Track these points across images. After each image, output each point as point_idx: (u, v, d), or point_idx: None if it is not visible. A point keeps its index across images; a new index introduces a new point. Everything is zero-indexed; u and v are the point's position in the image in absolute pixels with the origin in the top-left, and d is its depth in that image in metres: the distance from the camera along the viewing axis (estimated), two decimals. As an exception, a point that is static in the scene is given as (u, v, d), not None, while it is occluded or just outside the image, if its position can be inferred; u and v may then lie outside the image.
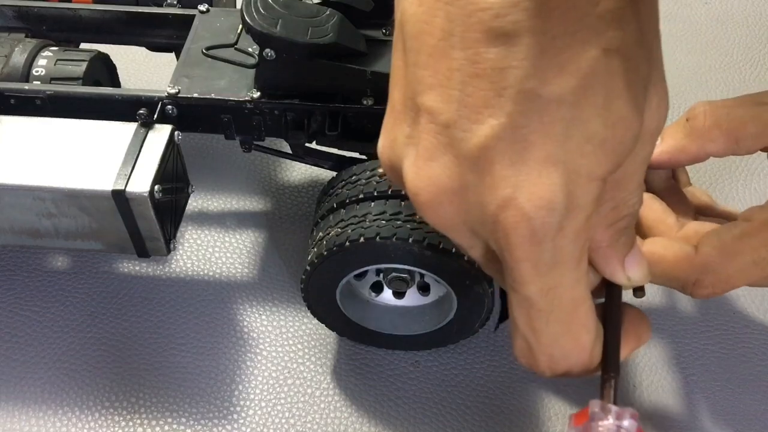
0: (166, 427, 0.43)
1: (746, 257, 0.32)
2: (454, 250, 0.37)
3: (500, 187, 0.24)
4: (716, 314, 0.48)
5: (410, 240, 0.37)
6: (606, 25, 0.22)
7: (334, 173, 0.44)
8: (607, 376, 0.29)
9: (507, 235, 0.24)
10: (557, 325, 0.27)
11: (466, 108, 0.23)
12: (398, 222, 0.38)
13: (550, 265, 0.25)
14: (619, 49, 0.23)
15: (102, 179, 0.38)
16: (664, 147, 0.36)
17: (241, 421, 0.43)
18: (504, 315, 0.42)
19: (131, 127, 0.41)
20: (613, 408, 0.28)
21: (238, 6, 0.51)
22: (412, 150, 0.25)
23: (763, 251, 0.32)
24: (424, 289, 0.44)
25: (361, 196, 0.39)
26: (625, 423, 0.27)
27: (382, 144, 0.28)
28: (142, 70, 0.62)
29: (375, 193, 0.39)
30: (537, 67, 0.22)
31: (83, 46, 0.52)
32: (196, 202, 0.54)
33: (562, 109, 0.23)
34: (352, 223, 0.38)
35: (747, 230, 0.32)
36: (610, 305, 0.31)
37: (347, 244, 0.38)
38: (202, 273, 0.50)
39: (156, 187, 0.39)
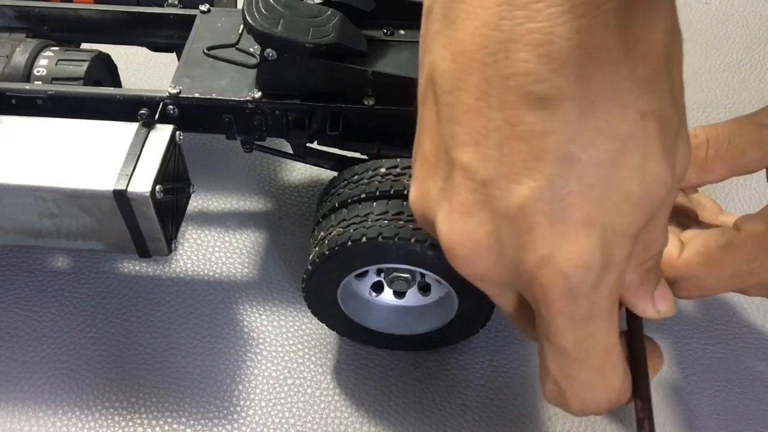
0: (166, 427, 0.43)
1: (726, 269, 0.33)
2: None
3: (538, 246, 0.24)
4: (716, 314, 0.48)
5: (412, 240, 0.37)
6: (642, 90, 0.23)
7: (335, 173, 0.44)
8: (642, 415, 0.30)
9: (544, 292, 0.25)
10: (590, 373, 0.28)
11: (504, 168, 0.24)
12: (400, 222, 0.38)
13: (585, 318, 0.26)
14: (655, 111, 0.23)
15: (103, 179, 0.38)
16: None
17: (241, 421, 0.43)
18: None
19: (132, 127, 0.41)
20: None
21: (239, 6, 0.52)
22: (445, 204, 0.26)
23: (744, 265, 0.32)
24: (424, 289, 0.44)
25: (363, 195, 0.39)
26: None
27: (415, 194, 0.29)
28: (143, 70, 0.62)
29: (377, 193, 0.39)
30: (577, 131, 0.23)
31: (84, 46, 0.52)
32: (197, 202, 0.54)
33: (600, 171, 0.23)
34: (354, 223, 0.38)
35: (732, 241, 0.33)
36: (634, 341, 0.31)
37: (349, 243, 0.38)
38: (202, 273, 0.50)
39: (157, 187, 0.39)
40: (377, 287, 0.45)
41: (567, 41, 0.22)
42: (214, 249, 0.52)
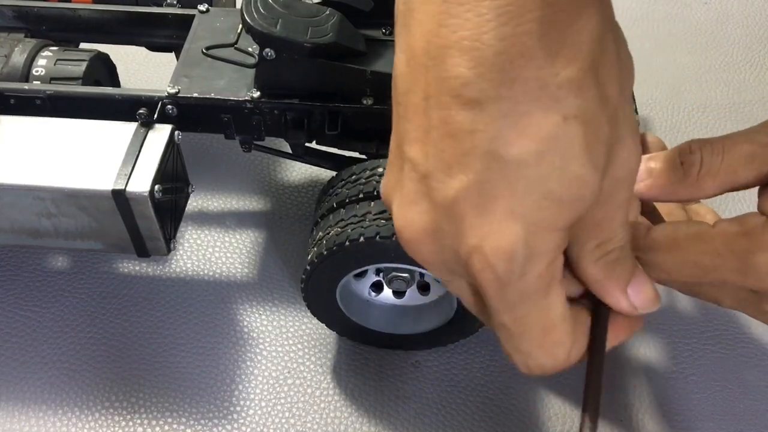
0: (166, 427, 0.43)
1: (689, 257, 0.34)
2: None
3: (468, 236, 0.26)
4: (716, 314, 0.48)
5: None
6: (566, 94, 0.25)
7: (334, 172, 0.44)
8: (585, 423, 0.30)
9: (477, 278, 0.27)
10: (530, 345, 0.30)
11: (441, 162, 0.26)
12: None
13: (516, 301, 0.28)
14: (578, 115, 0.25)
15: (102, 179, 0.38)
16: (656, 184, 0.37)
17: (241, 420, 0.43)
18: None
19: (131, 126, 0.41)
20: None
21: (238, 6, 0.52)
22: (398, 193, 0.28)
23: (707, 259, 0.34)
24: (424, 288, 0.44)
25: (360, 195, 0.39)
26: None
27: (382, 184, 0.31)
28: (142, 69, 0.62)
29: (375, 193, 0.39)
30: (500, 130, 0.25)
31: (83, 46, 0.52)
32: (196, 202, 0.54)
33: (522, 169, 0.25)
34: (352, 223, 0.38)
35: (702, 233, 0.34)
36: (594, 342, 0.32)
37: (347, 243, 0.38)
38: (202, 273, 0.50)
39: (156, 186, 0.39)
40: (377, 287, 0.45)
41: (491, 48, 0.24)
42: (213, 249, 0.52)
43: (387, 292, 0.45)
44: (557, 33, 0.25)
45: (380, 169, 0.40)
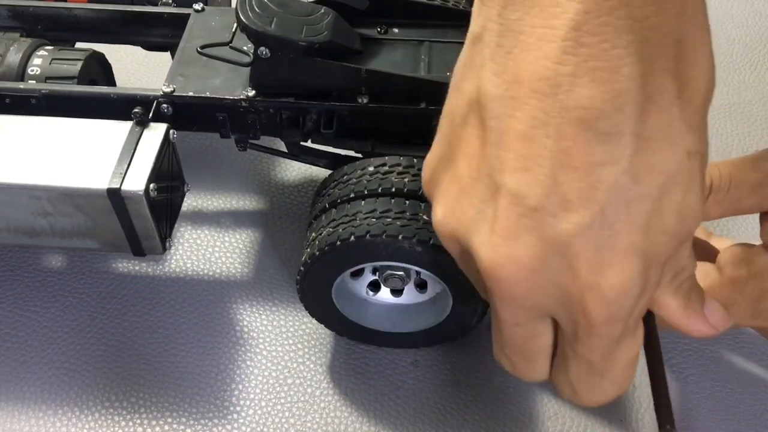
0: (166, 427, 0.43)
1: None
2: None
3: (584, 272, 0.25)
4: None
5: (400, 237, 0.37)
6: (689, 130, 0.25)
7: (330, 171, 0.44)
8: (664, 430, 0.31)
9: (586, 315, 0.26)
10: (609, 381, 0.30)
11: (557, 196, 0.25)
12: (388, 219, 0.38)
13: (617, 338, 0.28)
14: (698, 150, 0.25)
15: (97, 178, 0.38)
16: None
17: (241, 420, 0.43)
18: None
19: (126, 125, 0.41)
20: None
21: (233, 5, 0.52)
22: (486, 226, 0.27)
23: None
24: (421, 286, 0.44)
25: (351, 195, 0.39)
26: None
27: (444, 213, 0.29)
28: (138, 69, 0.62)
29: (365, 192, 0.39)
30: (631, 165, 0.24)
31: (78, 45, 0.52)
32: (192, 202, 0.54)
33: (647, 203, 0.25)
34: (343, 222, 0.38)
35: (714, 285, 0.36)
36: (650, 353, 0.32)
37: (338, 243, 0.38)
38: (200, 273, 0.50)
39: (151, 185, 0.39)
40: (374, 286, 0.45)
41: (631, 81, 0.24)
42: (212, 249, 0.52)
43: (385, 291, 0.45)
44: (685, 70, 0.25)
45: (370, 168, 0.40)
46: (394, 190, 0.39)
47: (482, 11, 0.27)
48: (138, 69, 0.62)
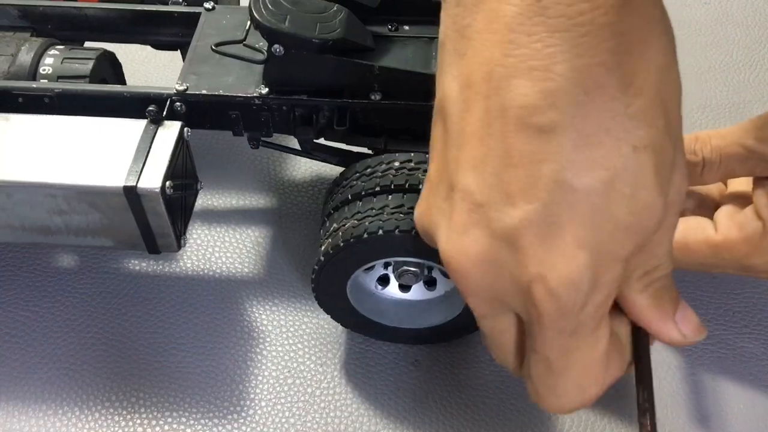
0: (166, 427, 0.43)
1: (698, 259, 0.39)
2: None
3: (531, 265, 0.26)
4: (716, 314, 0.48)
5: None
6: (636, 125, 0.25)
7: (341, 168, 0.44)
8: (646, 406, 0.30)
9: (536, 307, 0.27)
10: (569, 381, 0.29)
11: (501, 192, 0.26)
12: None
13: (571, 333, 0.28)
14: (648, 145, 0.25)
15: (113, 176, 0.39)
16: None
17: (241, 420, 0.43)
18: None
19: (141, 123, 0.41)
20: None
21: (242, 3, 0.52)
22: (444, 221, 0.28)
23: (712, 260, 0.39)
24: (429, 283, 0.44)
25: (377, 188, 0.39)
26: None
27: (418, 210, 0.31)
28: (147, 68, 0.62)
29: (392, 186, 0.39)
30: (571, 161, 0.25)
31: (88, 44, 0.52)
32: (201, 200, 0.54)
33: (591, 198, 0.25)
34: (369, 215, 0.39)
35: (708, 240, 0.38)
36: (640, 371, 0.32)
37: (365, 236, 0.38)
38: (203, 272, 0.50)
39: (167, 183, 0.39)
40: (383, 281, 0.45)
41: (564, 78, 0.24)
42: (215, 248, 0.52)
43: (393, 286, 0.45)
44: (629, 64, 0.24)
45: (396, 163, 0.40)
46: (420, 186, 0.39)
47: (444, 19, 0.28)
48: (144, 68, 0.62)
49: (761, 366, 0.45)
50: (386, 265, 0.44)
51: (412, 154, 0.40)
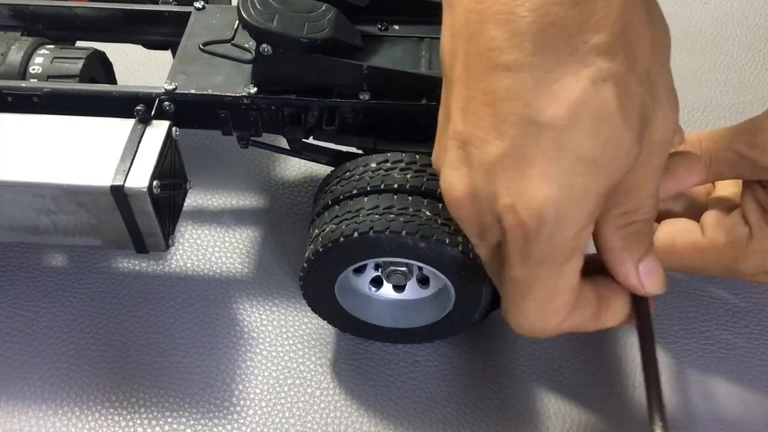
0: (166, 427, 0.43)
1: (684, 262, 0.39)
2: (447, 240, 0.38)
3: (503, 197, 0.28)
4: (716, 314, 0.48)
5: (403, 233, 0.37)
6: (594, 58, 0.26)
7: (332, 168, 0.44)
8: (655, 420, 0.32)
9: (506, 233, 0.29)
10: (531, 304, 0.32)
11: (479, 130, 0.28)
12: (391, 215, 0.38)
13: (537, 260, 0.29)
14: (607, 77, 0.26)
15: (100, 175, 0.39)
16: None
17: (241, 421, 0.43)
18: (493, 305, 0.42)
19: (129, 123, 0.41)
20: None
21: (234, 2, 0.52)
22: (444, 158, 0.31)
23: (699, 263, 0.39)
24: (423, 282, 0.44)
25: (354, 191, 0.40)
26: None
27: (433, 153, 0.33)
28: (138, 67, 0.62)
29: (368, 188, 0.39)
30: (533, 96, 0.26)
31: (79, 44, 0.52)
32: (194, 200, 0.54)
33: (554, 132, 0.27)
34: (346, 219, 0.39)
35: (696, 244, 0.39)
36: (643, 340, 0.33)
37: (341, 239, 0.38)
38: (201, 272, 0.50)
39: (155, 182, 0.39)
40: (377, 282, 0.45)
41: (524, 18, 0.26)
42: (213, 248, 0.52)
43: (387, 287, 0.45)
44: (587, 3, 0.26)
45: (373, 164, 0.40)
46: (396, 186, 0.39)
47: None
48: (138, 68, 0.62)
49: (761, 366, 0.45)
50: (377, 267, 0.43)
51: (389, 155, 0.40)
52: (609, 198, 0.29)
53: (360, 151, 0.45)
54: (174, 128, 0.41)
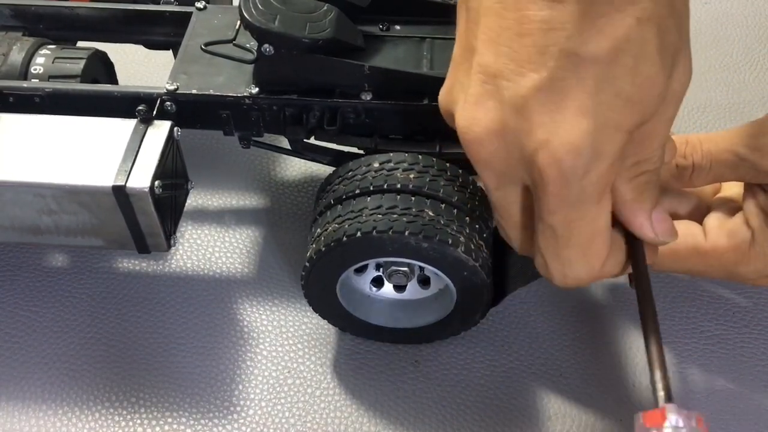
0: (166, 427, 0.43)
1: (686, 266, 0.39)
2: (450, 241, 0.38)
3: (537, 132, 0.27)
4: (716, 314, 0.48)
5: (406, 233, 0.37)
6: None
7: (333, 168, 0.44)
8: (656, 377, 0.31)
9: (541, 173, 0.28)
10: (573, 250, 0.31)
11: (513, 62, 0.27)
12: (394, 215, 0.38)
13: (574, 201, 0.29)
14: (651, 18, 0.26)
15: (102, 175, 0.39)
16: None
17: (241, 421, 0.43)
18: (493, 303, 0.42)
19: (130, 123, 0.41)
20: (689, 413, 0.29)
21: (235, 3, 0.52)
22: (462, 95, 0.29)
23: (701, 267, 0.39)
24: (424, 282, 0.44)
25: (357, 191, 0.40)
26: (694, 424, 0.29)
27: (442, 90, 0.32)
28: (139, 67, 0.62)
29: (371, 188, 0.39)
30: (577, 29, 0.26)
31: (80, 44, 0.52)
32: (195, 200, 0.54)
33: (596, 67, 0.26)
34: (348, 218, 0.39)
35: (698, 248, 0.38)
36: (639, 277, 0.33)
37: (344, 239, 0.38)
38: (201, 272, 0.50)
39: (156, 182, 0.39)
40: (378, 282, 0.45)
41: None
42: (213, 248, 0.52)
43: (388, 287, 0.45)
44: None
45: (375, 164, 0.40)
46: (399, 186, 0.39)
47: None
48: (139, 68, 0.62)
49: (761, 366, 0.45)
50: (378, 267, 0.43)
51: (391, 155, 0.40)
52: (624, 146, 0.29)
53: (361, 152, 0.45)
54: (176, 128, 0.41)
